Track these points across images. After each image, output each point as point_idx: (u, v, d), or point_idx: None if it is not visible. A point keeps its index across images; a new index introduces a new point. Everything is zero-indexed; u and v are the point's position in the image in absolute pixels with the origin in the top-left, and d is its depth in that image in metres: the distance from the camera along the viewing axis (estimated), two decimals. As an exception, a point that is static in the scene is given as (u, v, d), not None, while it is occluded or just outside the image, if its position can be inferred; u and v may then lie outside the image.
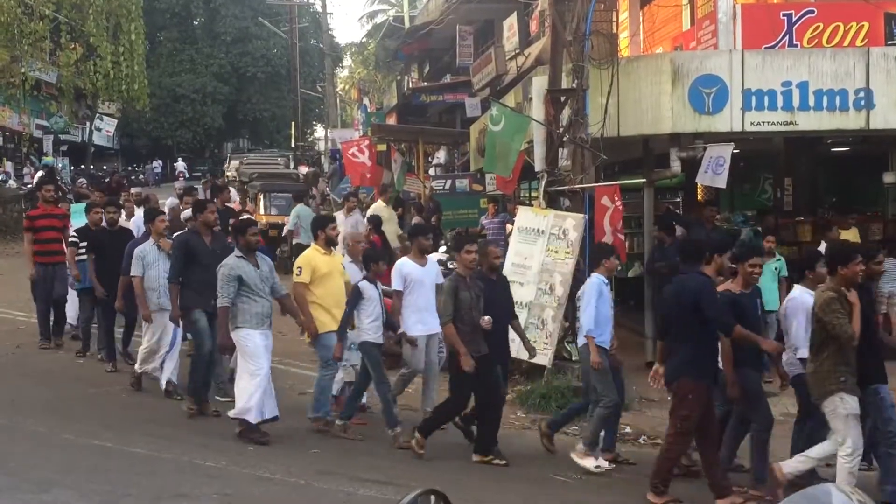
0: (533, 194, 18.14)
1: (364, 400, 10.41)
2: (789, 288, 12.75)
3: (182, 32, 61.46)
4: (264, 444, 9.00)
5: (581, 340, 9.37)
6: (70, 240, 12.85)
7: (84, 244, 12.51)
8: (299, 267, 9.79)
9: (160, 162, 57.28)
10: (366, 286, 9.54)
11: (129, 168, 55.04)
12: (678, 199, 16.92)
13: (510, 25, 25.28)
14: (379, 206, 17.21)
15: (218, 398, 10.41)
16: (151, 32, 45.02)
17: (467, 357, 8.86)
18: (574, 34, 12.02)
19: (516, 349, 10.53)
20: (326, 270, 9.75)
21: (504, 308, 9.56)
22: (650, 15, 18.65)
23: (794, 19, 14.23)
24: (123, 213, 14.61)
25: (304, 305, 9.62)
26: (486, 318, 9.12)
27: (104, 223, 12.44)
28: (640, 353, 13.28)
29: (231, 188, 18.84)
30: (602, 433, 9.24)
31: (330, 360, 9.63)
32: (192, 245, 10.34)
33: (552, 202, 12.37)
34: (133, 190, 19.99)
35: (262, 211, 23.29)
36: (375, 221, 15.12)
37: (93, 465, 7.95)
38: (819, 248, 11.03)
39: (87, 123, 48.54)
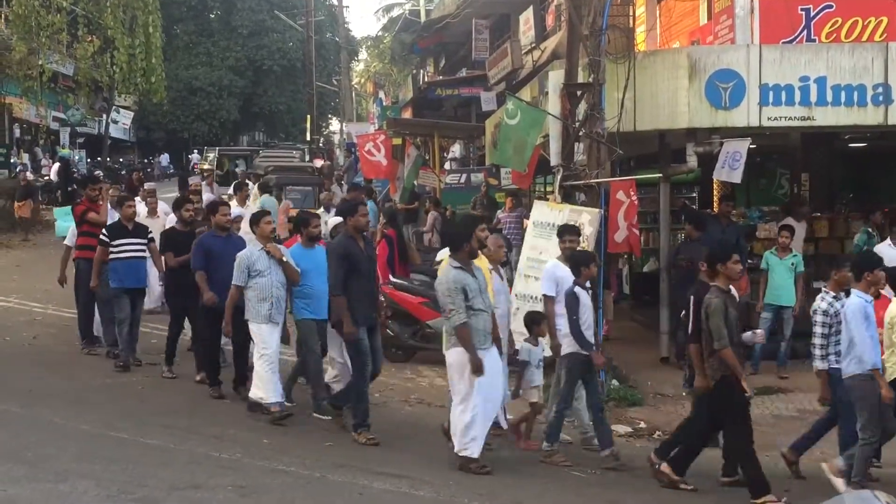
0: (548, 189, 18.11)
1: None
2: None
3: (198, 25, 61.54)
4: (487, 473, 8.39)
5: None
6: (100, 238, 11.84)
7: (142, 242, 11.74)
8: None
9: (167, 156, 57.08)
10: (581, 291, 8.95)
11: (145, 161, 55.14)
12: (694, 195, 16.87)
13: (526, 19, 25.25)
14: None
15: (316, 415, 9.92)
16: (168, 25, 45.02)
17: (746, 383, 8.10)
18: (590, 28, 11.98)
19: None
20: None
21: None
22: (667, 9, 18.57)
23: (812, 14, 14.14)
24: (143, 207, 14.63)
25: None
26: (759, 332, 9.29)
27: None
28: (655, 348, 13.28)
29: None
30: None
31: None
32: (350, 251, 9.38)
33: (568, 197, 12.34)
34: (146, 186, 19.85)
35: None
36: (390, 215, 15.15)
37: (109, 455, 7.99)
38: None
39: (104, 116, 48.62)
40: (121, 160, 49.50)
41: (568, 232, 9.93)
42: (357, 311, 9.22)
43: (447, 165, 27.53)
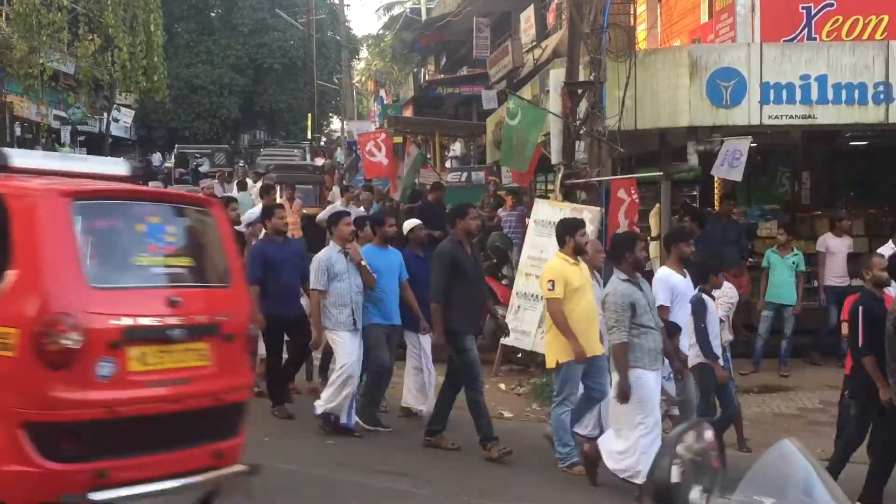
0: (549, 187, 18.10)
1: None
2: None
3: (199, 24, 61.55)
4: None
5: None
6: None
7: None
8: (551, 280, 8.34)
9: (159, 155, 56.77)
10: (707, 298, 8.64)
11: (142, 160, 55.10)
12: (695, 193, 16.84)
13: (527, 18, 25.27)
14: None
15: (361, 423, 9.55)
16: (168, 23, 45.03)
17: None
18: (591, 27, 11.98)
19: (532, 342, 10.54)
20: (578, 284, 8.40)
21: None
22: (668, 7, 18.56)
23: (813, 12, 14.13)
24: None
25: (567, 329, 8.21)
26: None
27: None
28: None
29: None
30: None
31: (571, 395, 8.36)
32: (456, 256, 8.85)
33: (569, 195, 12.35)
34: (151, 184, 19.62)
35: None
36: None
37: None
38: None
39: (105, 114, 48.67)
40: (122, 159, 49.47)
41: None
42: (460, 320, 8.73)
43: (448, 164, 27.52)
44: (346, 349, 9.17)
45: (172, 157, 43.76)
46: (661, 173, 13.33)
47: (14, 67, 28.85)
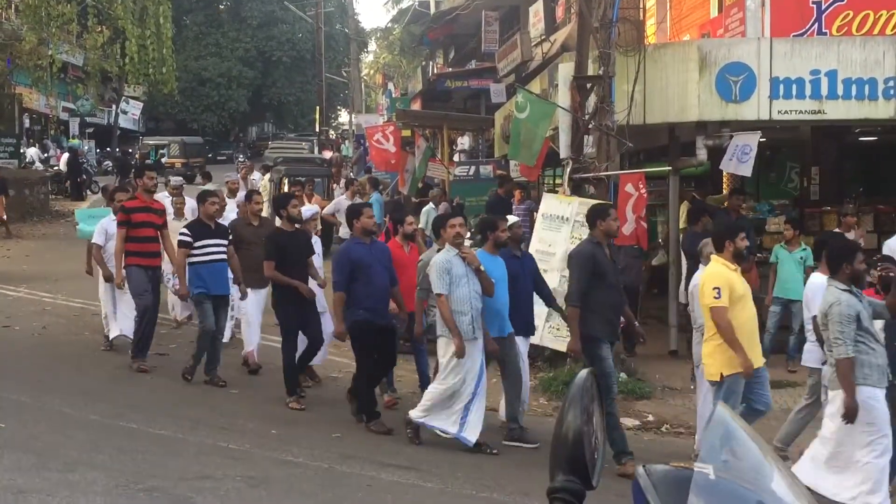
0: (558, 181, 18.10)
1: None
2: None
3: (208, 16, 61.68)
4: None
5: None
6: (181, 238, 10.57)
7: (224, 243, 10.60)
8: (716, 287, 7.90)
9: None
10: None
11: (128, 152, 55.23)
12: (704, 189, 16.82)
13: (536, 11, 25.20)
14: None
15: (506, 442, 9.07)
16: (177, 16, 45.14)
17: None
18: (601, 21, 11.96)
19: (539, 336, 10.52)
20: (742, 291, 8.04)
21: None
22: (677, 2, 18.52)
23: (823, 7, 14.09)
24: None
25: (734, 341, 7.81)
26: None
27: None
28: (664, 341, 13.26)
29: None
30: None
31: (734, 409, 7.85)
32: (598, 258, 8.49)
33: (577, 189, 12.34)
34: (173, 181, 19.14)
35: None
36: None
37: (118, 445, 8.01)
38: None
39: (114, 106, 48.79)
40: (129, 151, 49.70)
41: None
42: (599, 325, 8.37)
43: (456, 157, 27.51)
44: (458, 363, 8.55)
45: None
46: (669, 168, 13.32)
47: (23, 59, 28.96)
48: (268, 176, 23.12)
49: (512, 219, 10.00)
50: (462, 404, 8.58)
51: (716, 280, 7.94)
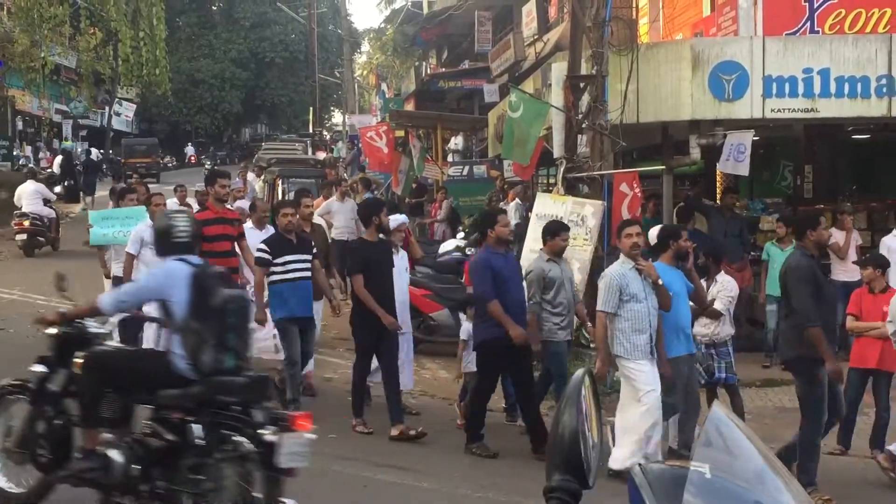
0: (551, 181, 18.10)
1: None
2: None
3: (201, 17, 61.60)
4: None
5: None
6: (258, 255, 9.52)
7: (308, 259, 9.55)
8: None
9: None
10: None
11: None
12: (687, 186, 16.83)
13: (529, 11, 25.24)
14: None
15: None
16: (170, 17, 45.05)
17: None
18: (594, 20, 11.97)
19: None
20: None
21: None
22: (670, 0, 18.54)
23: (815, 5, 14.10)
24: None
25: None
26: None
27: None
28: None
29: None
30: None
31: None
32: (817, 274, 8.00)
33: (571, 189, 12.34)
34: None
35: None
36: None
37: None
38: None
39: (107, 108, 48.69)
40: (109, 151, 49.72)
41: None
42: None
43: (449, 158, 27.52)
44: (649, 380, 7.91)
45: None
46: (663, 167, 13.33)
47: (16, 61, 28.91)
48: (262, 177, 23.10)
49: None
50: (657, 437, 7.98)
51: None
